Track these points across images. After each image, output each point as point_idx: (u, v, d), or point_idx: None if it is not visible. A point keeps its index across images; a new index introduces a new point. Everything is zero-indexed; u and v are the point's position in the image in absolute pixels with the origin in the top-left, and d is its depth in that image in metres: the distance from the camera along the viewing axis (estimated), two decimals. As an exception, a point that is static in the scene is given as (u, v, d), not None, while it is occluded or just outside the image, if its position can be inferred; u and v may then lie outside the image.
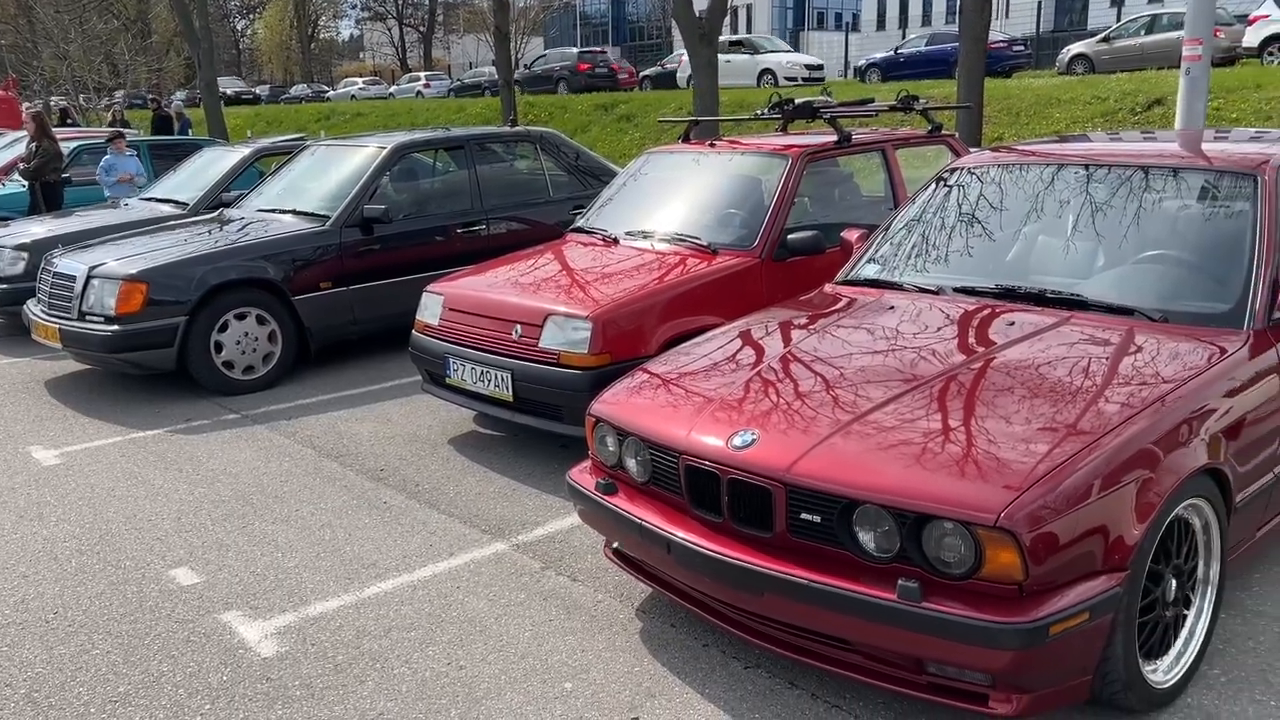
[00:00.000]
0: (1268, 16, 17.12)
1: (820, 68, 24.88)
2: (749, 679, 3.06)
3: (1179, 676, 2.86)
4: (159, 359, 6.11)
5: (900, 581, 2.53)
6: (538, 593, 3.64)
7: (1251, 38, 17.41)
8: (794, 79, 23.66)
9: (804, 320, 3.77)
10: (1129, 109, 12.59)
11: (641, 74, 30.89)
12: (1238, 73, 14.16)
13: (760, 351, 3.54)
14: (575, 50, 32.32)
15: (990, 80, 15.59)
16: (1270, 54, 17.06)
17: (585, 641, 3.31)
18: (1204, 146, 4.04)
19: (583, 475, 3.44)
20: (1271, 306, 3.24)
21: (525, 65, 29.16)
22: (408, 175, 7.45)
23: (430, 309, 5.27)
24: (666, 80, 27.21)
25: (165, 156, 10.92)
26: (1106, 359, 3.08)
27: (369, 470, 4.91)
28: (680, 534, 2.95)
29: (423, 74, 42.26)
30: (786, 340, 3.60)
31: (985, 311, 3.55)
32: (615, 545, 3.44)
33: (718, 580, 2.86)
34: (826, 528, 2.69)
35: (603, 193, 6.16)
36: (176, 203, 8.55)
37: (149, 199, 8.91)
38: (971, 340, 3.34)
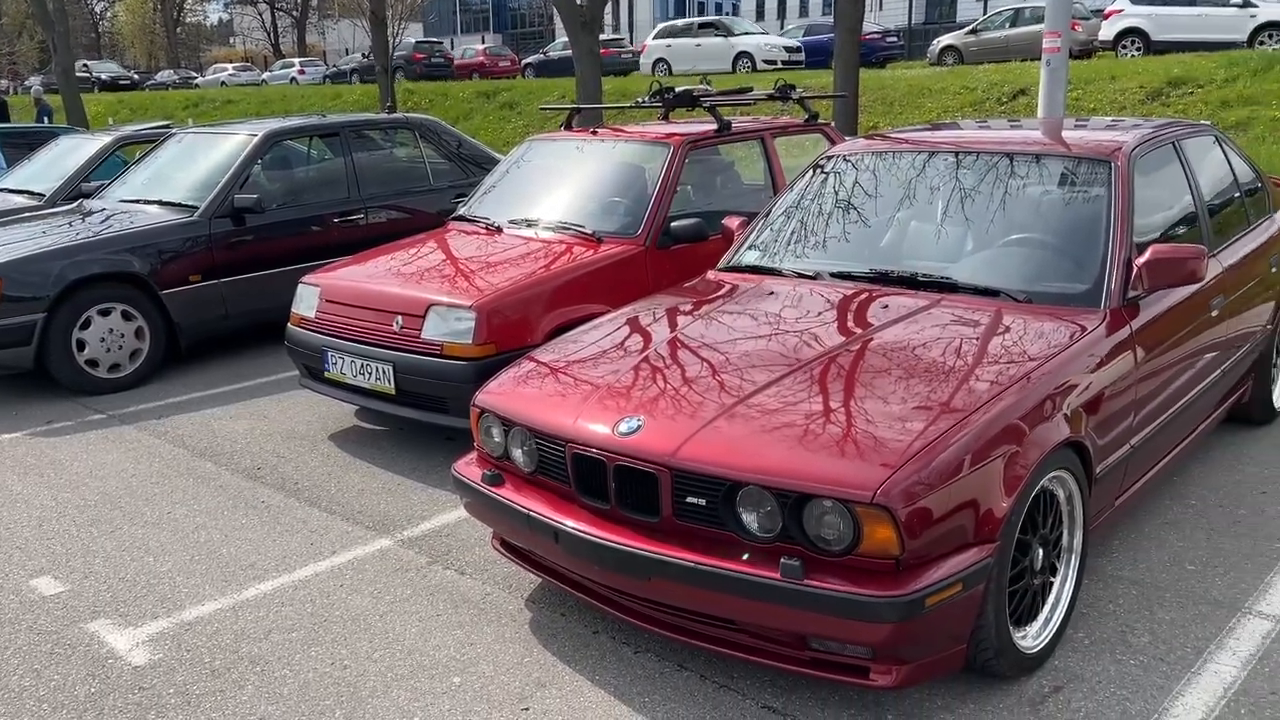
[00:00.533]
0: (1122, 11, 18.01)
1: (799, 49, 23.14)
2: (639, 663, 3.08)
3: (1047, 641, 2.99)
4: (15, 358, 5.78)
5: (783, 560, 2.57)
6: (424, 588, 3.58)
7: (1107, 31, 18.31)
8: (773, 62, 22.09)
9: (688, 307, 3.80)
10: (995, 99, 13.10)
11: (524, 61, 30.67)
12: (1094, 65, 14.86)
13: (645, 338, 3.56)
14: (412, 40, 31.59)
15: (865, 71, 16.00)
16: (1124, 47, 17.97)
17: (473, 634, 3.27)
18: (1063, 134, 4.22)
19: (468, 467, 3.39)
20: (1126, 286, 3.41)
21: (363, 54, 28.43)
22: (281, 163, 7.22)
23: (306, 301, 5.12)
24: (550, 68, 27.06)
25: (18, 145, 10.32)
26: (975, 339, 3.19)
27: (245, 469, 4.75)
28: (568, 522, 2.94)
29: (297, 60, 41.04)
30: (671, 327, 3.62)
31: (861, 295, 3.64)
32: (503, 537, 3.41)
33: (605, 567, 2.86)
34: (711, 510, 2.72)
35: (484, 180, 6.08)
36: (31, 193, 8.10)
37: (0, 189, 8.41)
38: (848, 324, 3.42)
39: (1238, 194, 4.53)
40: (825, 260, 3.97)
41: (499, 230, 5.36)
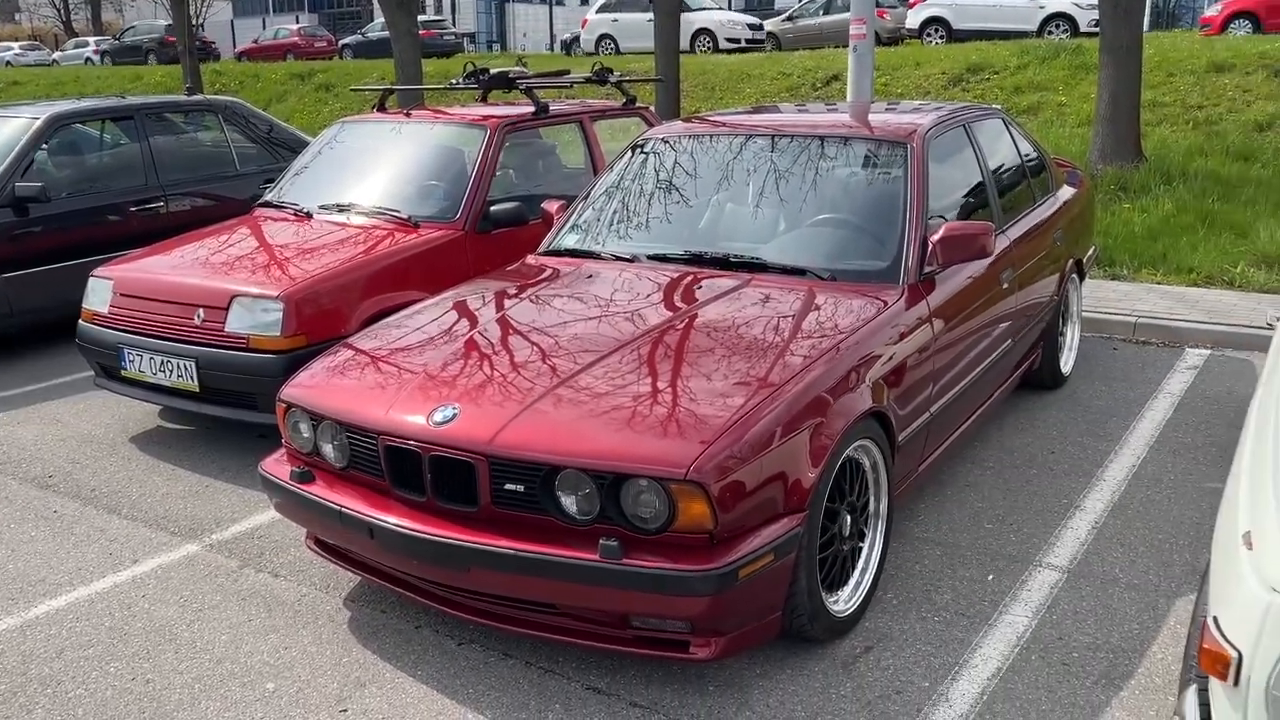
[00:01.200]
0: (925, 0, 18.92)
1: (760, 27, 21.56)
2: (463, 655, 3.03)
3: (858, 604, 3.12)
4: None
5: (602, 541, 2.58)
6: (235, 593, 3.42)
7: (913, 19, 19.21)
8: (736, 40, 20.59)
9: (507, 291, 3.75)
10: (811, 84, 13.53)
11: (341, 42, 29.64)
12: (901, 51, 15.55)
13: (462, 324, 3.49)
14: (163, 23, 29.81)
15: (687, 56, 16.23)
16: (929, 35, 18.90)
17: (289, 639, 3.14)
18: (868, 118, 4.38)
19: (277, 465, 3.25)
20: (922, 263, 3.58)
21: (114, 37, 26.70)
22: (69, 149, 6.71)
23: (98, 295, 4.79)
24: (370, 49, 26.22)
25: None
26: (783, 317, 3.28)
27: (35, 478, 4.41)
28: (382, 517, 2.86)
29: (92, 39, 38.24)
30: (489, 312, 3.57)
31: (677, 277, 3.69)
32: (317, 536, 3.29)
33: (423, 560, 2.80)
34: (530, 496, 2.70)
35: (293, 164, 5.83)
36: None
37: None
38: (664, 305, 3.45)
39: (1024, 173, 4.83)
40: (642, 243, 4.00)
41: (309, 216, 5.15)
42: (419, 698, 2.84)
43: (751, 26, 21.24)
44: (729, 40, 20.27)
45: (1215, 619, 1.92)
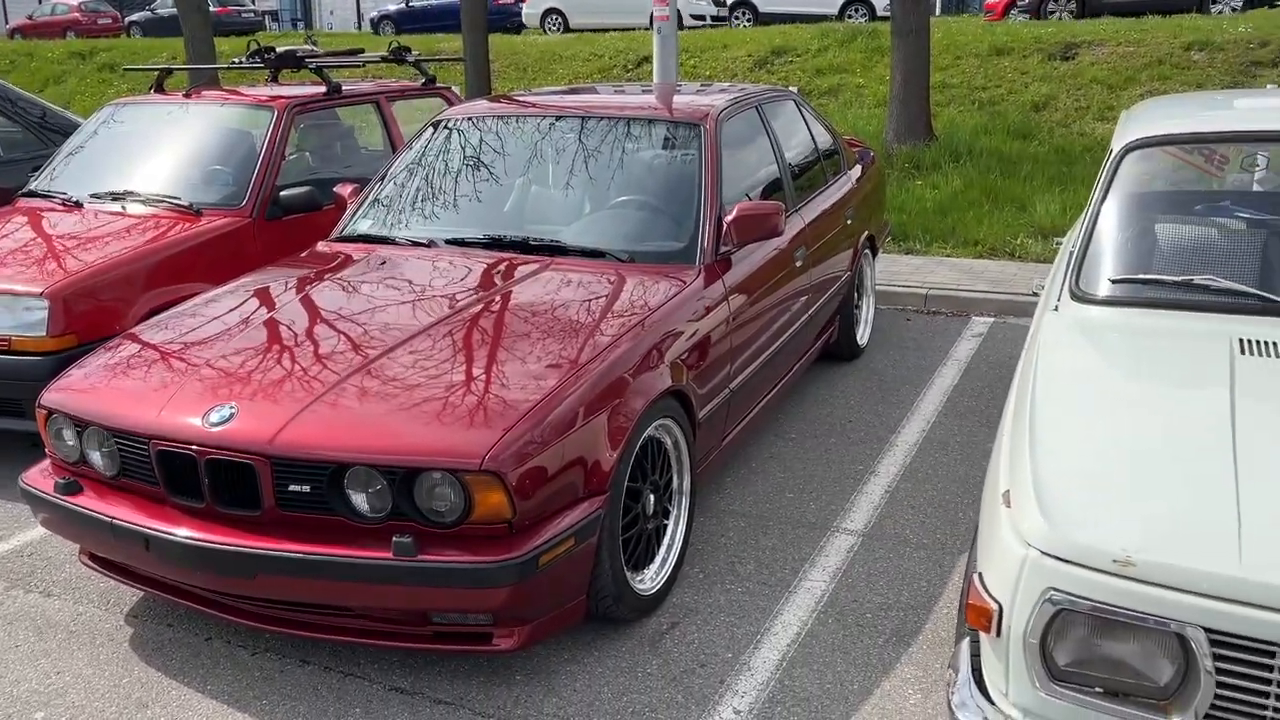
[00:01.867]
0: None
1: (722, 3, 19.96)
2: (256, 665, 2.89)
3: (664, 581, 3.15)
4: None
5: (395, 538, 2.50)
6: (1, 617, 3.14)
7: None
8: (702, 18, 19.12)
9: (294, 281, 3.58)
10: (622, 65, 13.58)
11: (128, 19, 27.73)
12: (709, 34, 15.81)
13: (244, 317, 3.31)
14: None
15: (500, 36, 16.01)
16: (737, 18, 19.31)
17: (61, 662, 2.91)
18: (664, 99, 4.41)
19: (40, 477, 3.00)
20: (718, 243, 3.63)
21: None
22: None
23: None
24: (160, 27, 24.61)
25: None
26: (580, 301, 3.27)
27: None
28: (159, 527, 2.68)
29: None
30: (273, 304, 3.40)
31: (473, 263, 3.61)
32: (90, 550, 3.06)
33: (205, 569, 2.64)
34: (318, 496, 2.58)
35: (60, 150, 5.39)
36: None
37: None
38: (459, 292, 3.37)
39: (817, 154, 4.99)
40: (439, 227, 3.90)
41: (79, 206, 4.78)
42: (208, 714, 2.68)
43: (716, 3, 19.94)
44: (694, 17, 18.97)
45: (980, 575, 2.03)
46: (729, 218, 3.63)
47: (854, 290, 5.17)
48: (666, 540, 3.23)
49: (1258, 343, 2.45)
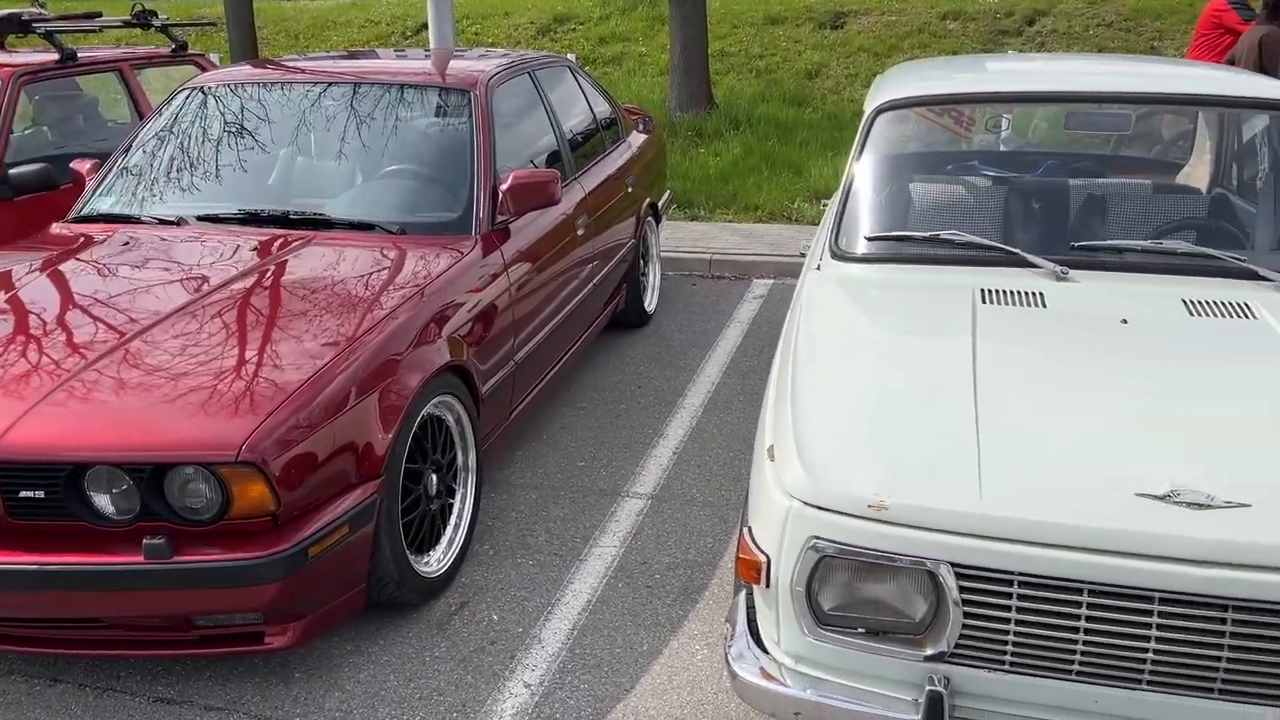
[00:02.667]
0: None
1: None
2: (0, 690, 2.63)
3: (452, 561, 3.08)
4: None
5: (146, 540, 2.32)
6: None
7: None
8: None
9: (26, 268, 3.25)
10: (400, 32, 13.14)
11: None
12: (491, 0, 15.54)
13: (-35, 310, 2.97)
14: None
15: (268, 1, 15.13)
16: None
17: None
18: (440, 65, 4.25)
19: None
20: (494, 213, 3.56)
21: None
22: None
23: None
24: None
25: None
26: (348, 276, 3.12)
27: None
28: None
29: None
30: (2, 294, 3.07)
31: (230, 240, 3.39)
32: None
33: (-76, 592, 2.37)
34: (54, 501, 2.35)
35: None
36: None
37: None
38: (213, 271, 3.15)
39: (595, 121, 4.97)
40: (190, 202, 3.64)
41: None
42: (-60, 752, 2.42)
43: None
44: None
45: (749, 529, 2.08)
46: (505, 186, 3.56)
47: (639, 257, 5.20)
48: (453, 520, 3.15)
49: (997, 292, 2.62)
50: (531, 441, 4.05)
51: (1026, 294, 2.59)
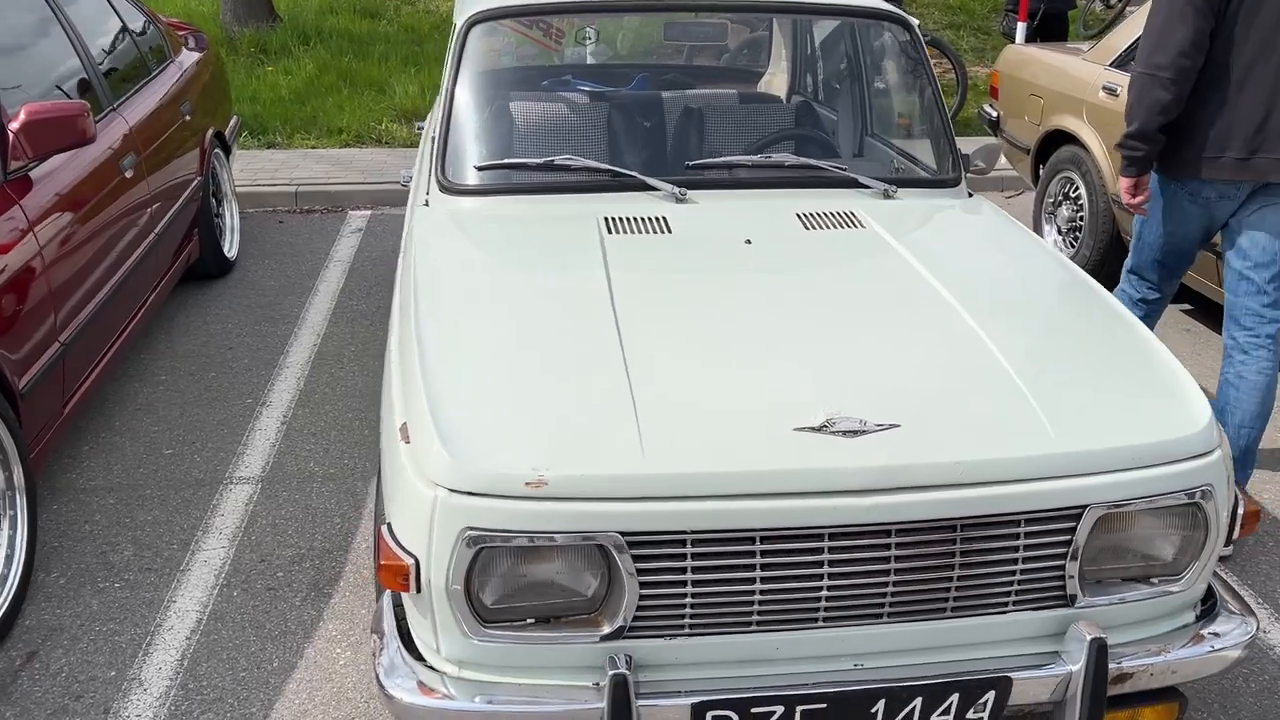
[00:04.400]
0: None
1: None
2: None
3: (6, 605, 2.46)
4: None
5: None
6: None
7: None
8: None
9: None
10: None
11: None
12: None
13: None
14: None
15: None
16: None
17: None
18: None
19: None
20: (4, 160, 2.81)
21: None
22: None
23: None
24: None
25: None
26: None
27: None
28: None
29: None
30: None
31: None
32: None
33: None
34: None
35: None
36: None
37: None
38: None
39: (131, 41, 4.17)
40: None
41: None
42: None
43: None
44: None
45: (389, 526, 1.77)
46: (15, 125, 2.82)
47: (210, 196, 4.52)
48: (4, 551, 2.51)
49: (621, 219, 2.46)
50: (102, 431, 3.39)
51: (651, 220, 2.46)
